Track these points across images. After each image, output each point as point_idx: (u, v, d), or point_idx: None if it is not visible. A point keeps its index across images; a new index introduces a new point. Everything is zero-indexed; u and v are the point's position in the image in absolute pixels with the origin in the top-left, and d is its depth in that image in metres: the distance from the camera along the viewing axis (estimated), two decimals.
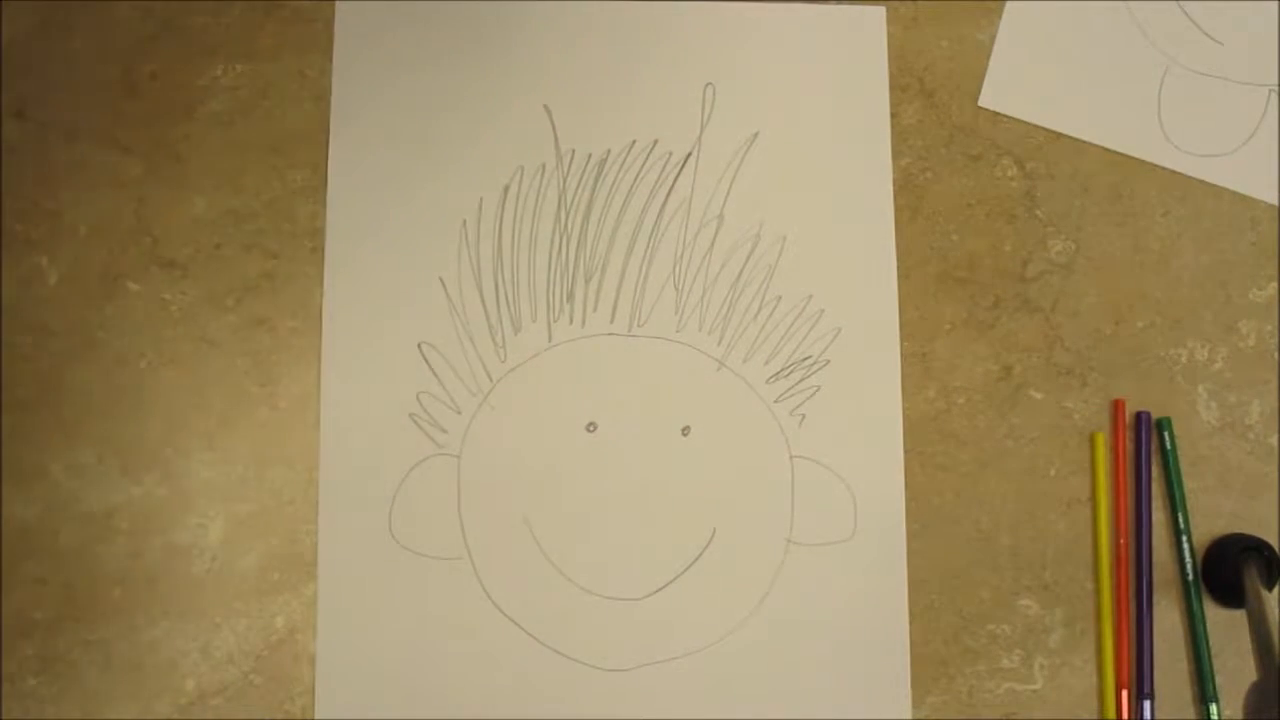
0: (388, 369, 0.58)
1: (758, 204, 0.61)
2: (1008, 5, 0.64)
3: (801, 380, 0.60)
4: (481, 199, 0.60)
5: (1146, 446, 0.61)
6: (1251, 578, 0.56)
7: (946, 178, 0.62)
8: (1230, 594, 0.59)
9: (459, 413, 0.59)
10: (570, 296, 0.60)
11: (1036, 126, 0.63)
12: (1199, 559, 0.60)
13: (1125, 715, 0.58)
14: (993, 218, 0.62)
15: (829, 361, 0.60)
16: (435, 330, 0.59)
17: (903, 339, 0.61)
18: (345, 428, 0.58)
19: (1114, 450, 0.61)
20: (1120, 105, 0.64)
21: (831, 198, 0.61)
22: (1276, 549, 0.59)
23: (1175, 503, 0.60)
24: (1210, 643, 0.59)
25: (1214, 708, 0.58)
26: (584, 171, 0.61)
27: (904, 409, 0.60)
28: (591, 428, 0.59)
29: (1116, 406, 0.61)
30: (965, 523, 0.60)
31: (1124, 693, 0.58)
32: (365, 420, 0.58)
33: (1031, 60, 0.64)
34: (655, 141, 0.61)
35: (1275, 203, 0.63)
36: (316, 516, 0.57)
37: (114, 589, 0.56)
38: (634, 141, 0.61)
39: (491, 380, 0.59)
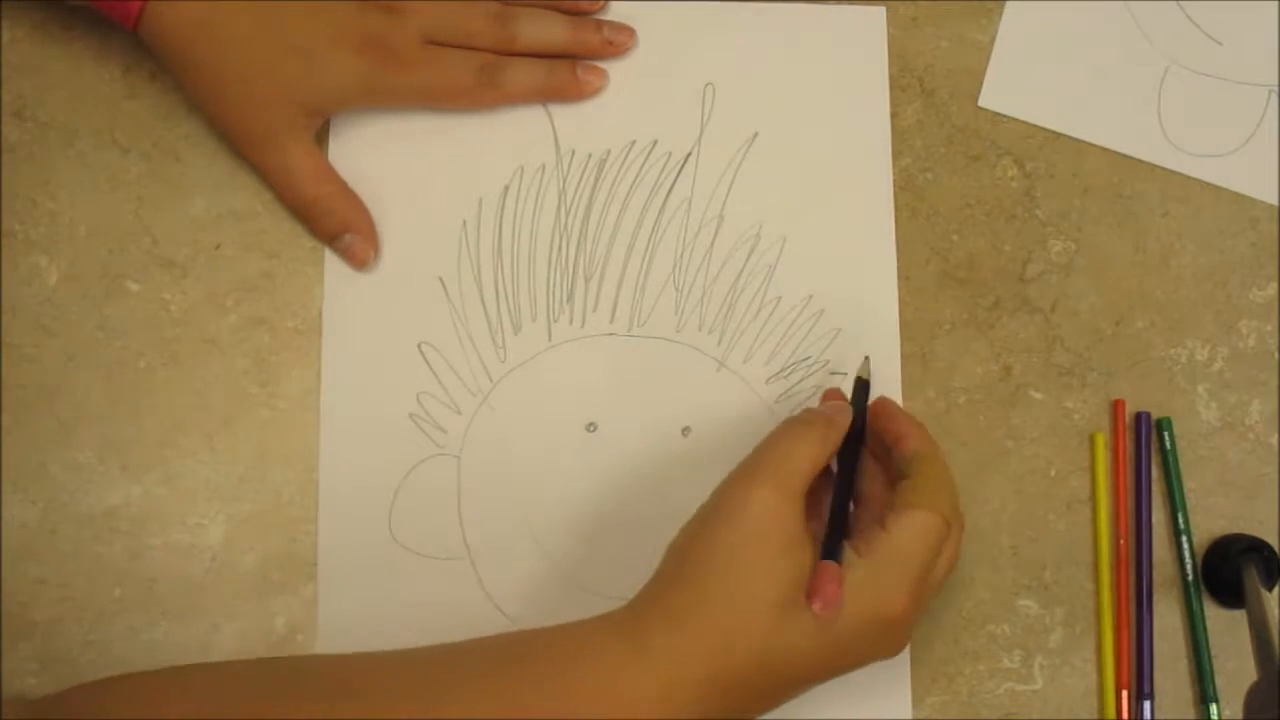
0: (388, 369, 0.58)
1: (758, 204, 0.61)
2: (1008, 5, 0.64)
3: (801, 380, 0.60)
4: (481, 199, 0.60)
5: (1146, 446, 0.61)
6: (1251, 578, 0.56)
7: (946, 178, 0.62)
8: (1230, 594, 0.59)
9: (459, 413, 0.58)
10: (570, 296, 0.60)
11: (1036, 126, 0.63)
12: (1199, 559, 0.60)
13: (1125, 715, 0.58)
14: (993, 218, 0.62)
15: (829, 361, 0.60)
16: (435, 330, 0.59)
17: (903, 339, 0.61)
18: (345, 428, 0.58)
19: (1114, 450, 0.61)
20: (1120, 105, 0.64)
21: (831, 198, 0.61)
22: (1276, 549, 0.59)
23: (1175, 503, 0.60)
24: (1210, 643, 0.59)
25: (1214, 708, 0.58)
26: (584, 171, 0.61)
27: (904, 409, 0.59)
28: (591, 428, 0.59)
29: (1116, 407, 0.61)
30: (965, 523, 0.59)
31: (1124, 693, 0.58)
32: (365, 420, 0.58)
33: (1031, 60, 0.63)
34: (655, 141, 0.61)
35: (1275, 203, 0.63)
36: (316, 516, 0.57)
37: (114, 589, 0.56)
38: (634, 141, 0.61)
39: (491, 380, 0.59)
